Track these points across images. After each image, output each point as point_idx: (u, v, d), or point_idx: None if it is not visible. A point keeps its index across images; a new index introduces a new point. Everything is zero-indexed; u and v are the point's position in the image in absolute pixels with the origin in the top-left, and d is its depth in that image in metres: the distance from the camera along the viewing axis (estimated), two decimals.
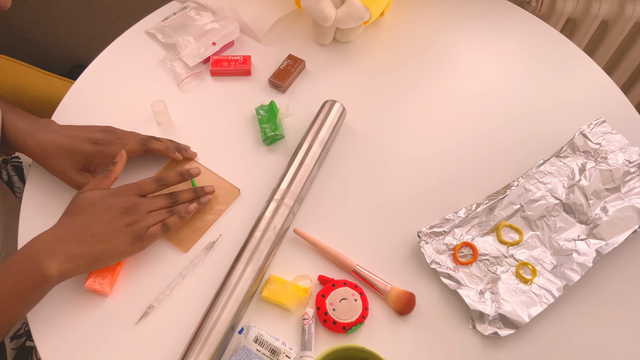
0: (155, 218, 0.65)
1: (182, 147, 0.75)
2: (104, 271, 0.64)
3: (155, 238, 0.65)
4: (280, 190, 0.70)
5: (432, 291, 0.67)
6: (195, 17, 0.88)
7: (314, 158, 0.73)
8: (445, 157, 0.78)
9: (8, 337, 0.78)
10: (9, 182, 0.90)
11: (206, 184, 0.73)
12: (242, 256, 0.65)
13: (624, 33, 1.17)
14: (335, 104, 0.77)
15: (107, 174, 0.66)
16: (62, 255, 0.59)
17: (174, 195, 0.69)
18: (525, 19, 0.94)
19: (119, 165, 0.67)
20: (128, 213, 0.64)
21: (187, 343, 0.60)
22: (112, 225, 0.62)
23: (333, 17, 0.81)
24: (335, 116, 0.76)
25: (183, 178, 0.70)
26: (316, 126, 0.75)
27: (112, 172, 0.67)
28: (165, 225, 0.66)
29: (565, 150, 0.76)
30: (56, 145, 0.68)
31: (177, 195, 0.69)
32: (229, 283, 0.63)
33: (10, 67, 1.05)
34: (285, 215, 0.68)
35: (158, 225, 0.65)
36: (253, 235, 0.66)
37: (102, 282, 0.64)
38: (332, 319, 0.63)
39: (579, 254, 0.68)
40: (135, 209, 0.64)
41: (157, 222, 0.65)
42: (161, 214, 0.66)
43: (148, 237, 0.64)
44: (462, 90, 0.85)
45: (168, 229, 0.66)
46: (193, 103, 0.82)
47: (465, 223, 0.71)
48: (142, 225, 0.64)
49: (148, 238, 0.64)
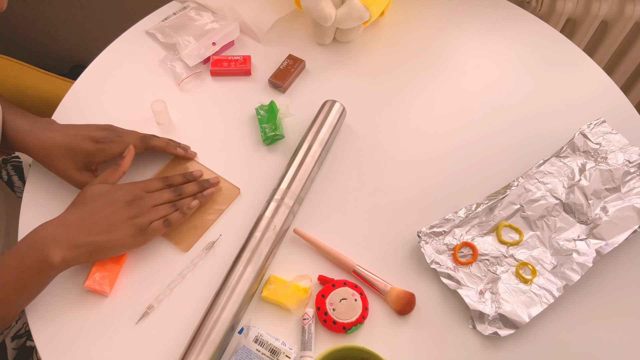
0: (159, 213, 0.66)
1: (182, 147, 0.75)
2: (104, 271, 0.64)
3: (157, 233, 0.66)
4: (280, 190, 0.70)
5: (432, 291, 0.67)
6: (195, 17, 0.88)
7: (314, 158, 0.73)
8: (445, 157, 0.78)
9: (9, 337, 0.78)
10: (9, 182, 0.90)
11: None
12: (242, 256, 0.65)
13: (624, 33, 1.17)
14: (336, 104, 0.77)
15: (115, 168, 0.68)
16: (65, 243, 0.59)
17: (178, 188, 0.70)
18: (525, 19, 0.94)
19: (127, 160, 0.69)
20: (132, 206, 0.65)
21: (187, 343, 0.60)
22: (116, 217, 0.63)
23: (333, 17, 0.81)
24: (335, 116, 0.76)
25: (186, 180, 0.72)
26: (316, 126, 0.75)
27: (120, 166, 0.68)
28: (168, 220, 0.66)
29: (565, 150, 0.76)
30: (57, 145, 0.68)
31: (182, 188, 0.70)
32: (229, 283, 0.63)
33: (10, 67, 1.05)
34: (285, 215, 0.68)
35: (160, 221, 0.66)
36: (253, 235, 0.66)
37: (101, 283, 0.64)
38: (332, 319, 0.63)
39: (579, 254, 0.68)
40: (140, 202, 0.65)
41: (160, 217, 0.66)
42: (164, 209, 0.67)
43: (150, 232, 0.65)
44: (462, 90, 0.85)
45: (170, 224, 0.67)
46: (193, 103, 0.82)
47: (465, 223, 0.71)
48: (146, 220, 0.65)
49: (150, 232, 0.65)
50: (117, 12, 1.43)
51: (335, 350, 0.56)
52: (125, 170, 0.69)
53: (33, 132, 0.69)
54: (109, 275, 0.65)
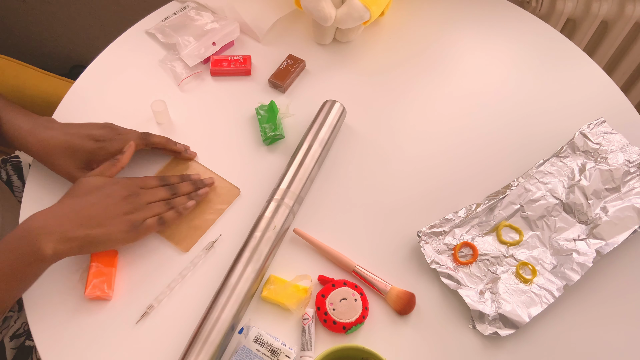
0: (153, 210, 0.66)
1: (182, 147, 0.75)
2: (101, 276, 0.64)
3: (150, 230, 0.65)
4: (280, 190, 0.70)
5: (432, 291, 0.67)
6: (195, 17, 0.88)
7: (314, 158, 0.73)
8: (445, 157, 0.78)
9: (7, 336, 0.78)
10: (8, 182, 0.90)
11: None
12: (242, 256, 0.65)
13: (624, 33, 1.17)
14: (335, 104, 0.77)
15: (113, 162, 0.68)
16: (57, 235, 0.59)
17: (174, 187, 0.70)
18: (525, 19, 0.94)
19: (127, 155, 0.69)
20: (128, 202, 0.64)
21: (187, 343, 0.60)
22: (110, 212, 0.63)
23: (333, 17, 0.81)
24: (335, 116, 0.76)
25: (182, 180, 0.72)
26: (316, 126, 0.75)
27: (119, 160, 0.68)
28: (162, 218, 0.66)
29: (565, 150, 0.76)
30: (57, 143, 0.68)
31: (177, 187, 0.70)
32: (229, 283, 0.63)
33: (10, 67, 1.05)
34: (286, 215, 0.68)
35: (155, 218, 0.66)
36: (253, 235, 0.66)
37: (102, 288, 0.63)
38: (332, 319, 0.63)
39: (579, 254, 0.68)
40: (135, 198, 0.65)
41: (155, 215, 0.66)
42: (159, 207, 0.67)
43: (143, 229, 0.64)
44: (462, 90, 0.85)
45: (164, 222, 0.66)
46: (193, 103, 0.82)
47: (465, 223, 0.71)
48: (140, 216, 0.64)
49: (143, 229, 0.64)
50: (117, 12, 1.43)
51: (335, 350, 0.56)
52: (123, 165, 0.68)
53: (33, 131, 0.69)
54: (106, 279, 0.64)
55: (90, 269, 0.65)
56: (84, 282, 0.65)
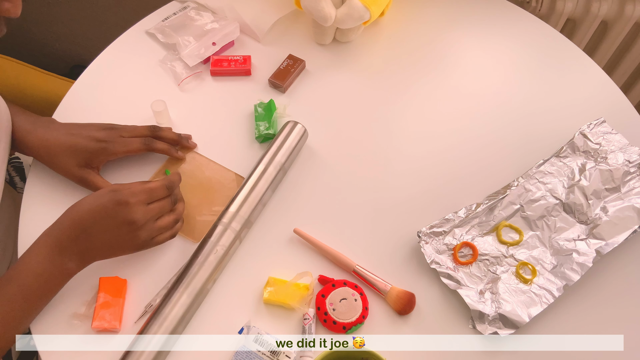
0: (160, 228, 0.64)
1: (184, 137, 0.76)
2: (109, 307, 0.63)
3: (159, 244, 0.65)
4: (229, 213, 0.67)
5: (432, 291, 0.67)
6: (195, 17, 0.88)
7: (267, 181, 0.70)
8: (445, 157, 0.78)
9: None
10: (11, 183, 0.90)
11: (210, 173, 0.74)
12: (182, 282, 0.62)
13: (624, 33, 1.17)
14: (297, 125, 0.75)
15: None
16: (77, 255, 0.60)
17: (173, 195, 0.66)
18: (525, 19, 0.94)
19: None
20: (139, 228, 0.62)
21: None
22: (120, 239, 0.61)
23: (333, 17, 0.81)
24: (294, 139, 0.74)
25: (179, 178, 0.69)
26: (274, 148, 0.73)
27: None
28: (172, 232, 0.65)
29: (565, 150, 0.76)
30: (59, 143, 0.68)
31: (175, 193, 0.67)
32: (163, 312, 0.61)
33: (10, 67, 1.05)
34: (231, 240, 0.66)
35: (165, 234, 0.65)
36: (195, 260, 0.64)
37: (109, 319, 0.62)
38: (332, 319, 0.63)
39: (578, 254, 0.68)
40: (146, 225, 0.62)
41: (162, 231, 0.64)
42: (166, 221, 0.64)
43: (153, 244, 0.64)
44: (462, 90, 0.85)
45: (173, 235, 0.66)
46: (193, 103, 0.82)
47: (465, 223, 0.71)
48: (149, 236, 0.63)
49: (152, 244, 0.64)
50: (117, 12, 1.43)
51: (335, 350, 0.56)
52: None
53: (34, 131, 0.69)
54: (114, 310, 0.63)
55: (97, 300, 0.63)
56: (92, 313, 0.63)
